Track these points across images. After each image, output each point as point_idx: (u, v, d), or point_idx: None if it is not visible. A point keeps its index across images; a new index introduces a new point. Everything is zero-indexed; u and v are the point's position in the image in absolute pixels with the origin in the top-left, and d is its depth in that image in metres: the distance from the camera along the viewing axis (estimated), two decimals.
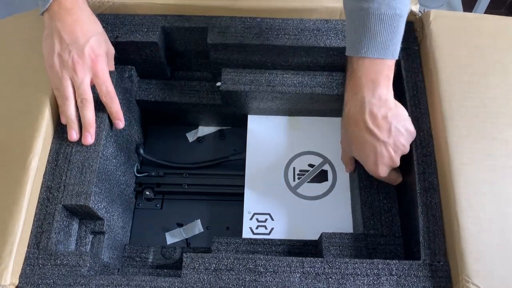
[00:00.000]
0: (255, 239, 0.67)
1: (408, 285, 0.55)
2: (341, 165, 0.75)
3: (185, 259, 0.57)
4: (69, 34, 0.61)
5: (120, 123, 0.66)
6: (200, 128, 0.84)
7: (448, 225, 0.58)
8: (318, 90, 0.72)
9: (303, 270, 0.57)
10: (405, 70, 0.69)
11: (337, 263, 0.57)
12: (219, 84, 0.74)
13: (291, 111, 0.79)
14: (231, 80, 0.73)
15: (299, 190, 0.75)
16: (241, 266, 0.57)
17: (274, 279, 0.56)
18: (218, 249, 0.65)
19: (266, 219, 0.72)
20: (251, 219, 0.72)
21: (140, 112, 0.79)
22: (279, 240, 0.67)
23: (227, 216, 0.76)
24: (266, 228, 0.71)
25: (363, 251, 0.62)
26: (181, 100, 0.76)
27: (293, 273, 0.57)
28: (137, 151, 0.79)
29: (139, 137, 0.81)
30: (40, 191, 0.60)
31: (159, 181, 0.78)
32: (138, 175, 0.79)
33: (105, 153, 0.65)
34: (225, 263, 0.57)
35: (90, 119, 0.62)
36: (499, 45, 0.68)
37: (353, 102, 0.62)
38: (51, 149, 0.63)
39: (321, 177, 0.76)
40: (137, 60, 0.74)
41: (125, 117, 0.67)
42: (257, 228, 0.71)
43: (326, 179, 0.75)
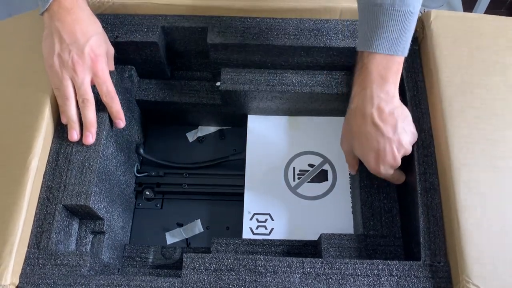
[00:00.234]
0: (254, 240, 0.67)
1: (408, 285, 0.55)
2: (341, 165, 0.76)
3: (185, 259, 0.57)
4: (69, 34, 0.61)
5: (121, 122, 0.66)
6: (200, 128, 0.84)
7: (448, 226, 0.58)
8: (317, 89, 0.72)
9: (303, 270, 0.57)
10: (406, 70, 0.69)
11: (337, 264, 0.57)
12: (218, 84, 0.74)
13: (291, 111, 0.79)
14: (231, 79, 0.73)
15: (299, 190, 0.75)
16: (241, 266, 0.57)
17: (274, 280, 0.56)
18: (217, 249, 0.65)
19: (266, 219, 0.72)
20: (251, 219, 0.72)
21: (140, 112, 0.79)
22: (279, 240, 0.67)
23: (227, 216, 0.76)
24: (266, 228, 0.71)
25: (362, 252, 0.62)
26: (181, 100, 0.76)
27: (293, 273, 0.57)
28: (137, 151, 0.79)
29: (139, 137, 0.81)
30: (40, 191, 0.60)
31: (159, 181, 0.78)
32: (138, 175, 0.79)
33: (105, 153, 0.65)
34: (225, 264, 0.57)
35: (91, 119, 0.62)
36: (499, 45, 0.68)
37: (361, 96, 0.61)
38: (51, 149, 0.63)
39: (321, 177, 0.76)
40: (137, 60, 0.74)
41: (125, 117, 0.67)
42: (257, 228, 0.71)
43: (326, 179, 0.75)
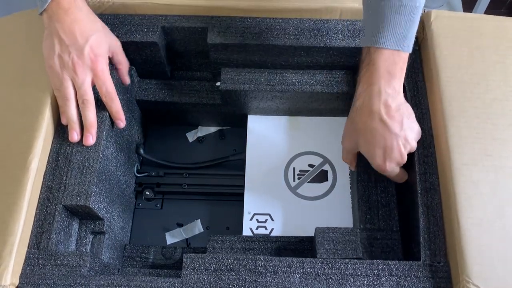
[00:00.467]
0: (251, 236, 0.67)
1: (408, 285, 0.55)
2: (341, 165, 0.75)
3: (185, 260, 0.57)
4: (68, 35, 0.61)
5: (121, 123, 0.67)
6: (200, 128, 0.84)
7: (448, 226, 0.58)
8: (317, 88, 0.72)
9: (303, 270, 0.57)
10: (406, 70, 0.69)
11: (337, 264, 0.57)
12: (218, 84, 0.74)
13: (291, 111, 0.79)
14: (231, 79, 0.73)
15: (299, 190, 0.75)
16: (241, 266, 0.57)
17: (274, 280, 0.56)
18: (213, 246, 0.65)
19: (266, 220, 0.72)
20: (251, 220, 0.72)
21: (140, 112, 0.79)
22: (275, 237, 0.67)
23: (227, 216, 0.76)
24: (266, 228, 0.71)
25: (358, 246, 0.61)
26: (181, 100, 0.76)
27: (293, 273, 0.57)
28: (137, 151, 0.79)
29: (139, 137, 0.81)
30: (40, 192, 0.61)
31: (159, 181, 0.78)
32: (138, 175, 0.79)
33: (105, 153, 0.65)
34: (225, 264, 0.57)
35: (91, 120, 0.62)
36: (499, 45, 0.68)
37: (367, 93, 0.61)
38: (52, 149, 0.63)
39: (321, 177, 0.76)
40: (137, 60, 0.74)
41: (126, 117, 0.67)
42: (257, 228, 0.71)
43: (326, 179, 0.75)
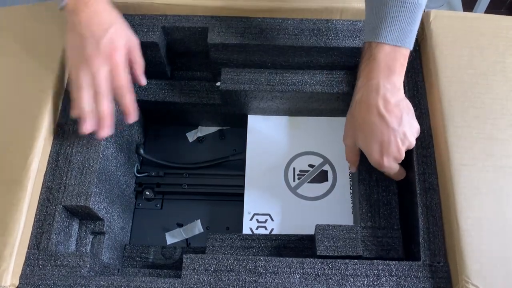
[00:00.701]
0: (250, 235, 0.67)
1: (408, 286, 0.55)
2: (341, 165, 0.76)
3: (185, 260, 0.57)
4: (86, 27, 0.60)
5: (130, 118, 0.64)
6: (200, 128, 0.84)
7: (448, 226, 0.58)
8: (318, 88, 0.72)
9: (303, 271, 0.57)
10: (405, 70, 0.69)
11: (337, 264, 0.57)
12: (219, 84, 0.74)
13: (291, 111, 0.79)
14: (231, 79, 0.73)
15: (299, 190, 0.75)
16: (241, 267, 0.57)
17: (274, 280, 0.56)
18: (213, 245, 0.65)
19: (266, 220, 0.72)
20: (251, 220, 0.72)
21: (140, 112, 0.79)
22: (275, 235, 0.67)
23: (227, 216, 0.76)
24: (266, 228, 0.71)
25: (358, 243, 0.61)
26: (181, 100, 0.76)
27: (293, 274, 0.57)
28: (137, 151, 0.79)
29: (139, 137, 0.81)
30: (40, 192, 0.61)
31: (159, 181, 0.78)
32: (138, 175, 0.79)
33: (105, 153, 0.65)
34: (225, 264, 0.57)
35: (104, 112, 0.60)
36: (499, 45, 0.68)
37: (366, 87, 0.61)
38: (52, 149, 0.63)
39: (321, 177, 0.76)
40: None
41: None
42: (257, 228, 0.71)
43: (326, 180, 0.75)
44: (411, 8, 0.59)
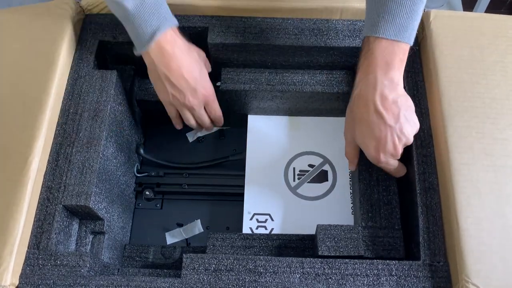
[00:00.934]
0: (251, 234, 0.67)
1: (408, 285, 0.55)
2: (341, 165, 0.75)
3: (184, 260, 0.57)
4: (178, 80, 0.65)
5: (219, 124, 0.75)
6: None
7: (447, 225, 0.58)
8: (318, 88, 0.72)
9: (303, 270, 0.57)
10: (405, 70, 0.69)
11: (337, 264, 0.57)
12: (219, 83, 0.74)
13: (291, 111, 0.79)
14: (231, 79, 0.73)
15: (299, 190, 0.75)
16: (240, 266, 0.57)
17: (274, 280, 0.56)
18: (213, 244, 0.65)
19: (266, 220, 0.72)
20: (251, 219, 0.72)
21: (140, 112, 0.79)
22: (275, 235, 0.67)
23: (227, 216, 0.76)
24: (266, 228, 0.71)
25: (360, 244, 0.61)
26: None
27: (293, 273, 0.57)
28: (137, 151, 0.79)
29: (139, 137, 0.81)
30: (40, 192, 0.61)
31: (159, 181, 0.78)
32: (138, 175, 0.79)
33: (105, 153, 0.65)
34: (225, 264, 0.57)
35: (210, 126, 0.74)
36: (499, 45, 0.68)
37: (364, 82, 0.61)
38: (52, 149, 0.63)
39: (321, 177, 0.76)
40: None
41: (126, 117, 0.67)
42: (257, 228, 0.71)
43: (326, 180, 0.75)
44: (411, 4, 0.59)
